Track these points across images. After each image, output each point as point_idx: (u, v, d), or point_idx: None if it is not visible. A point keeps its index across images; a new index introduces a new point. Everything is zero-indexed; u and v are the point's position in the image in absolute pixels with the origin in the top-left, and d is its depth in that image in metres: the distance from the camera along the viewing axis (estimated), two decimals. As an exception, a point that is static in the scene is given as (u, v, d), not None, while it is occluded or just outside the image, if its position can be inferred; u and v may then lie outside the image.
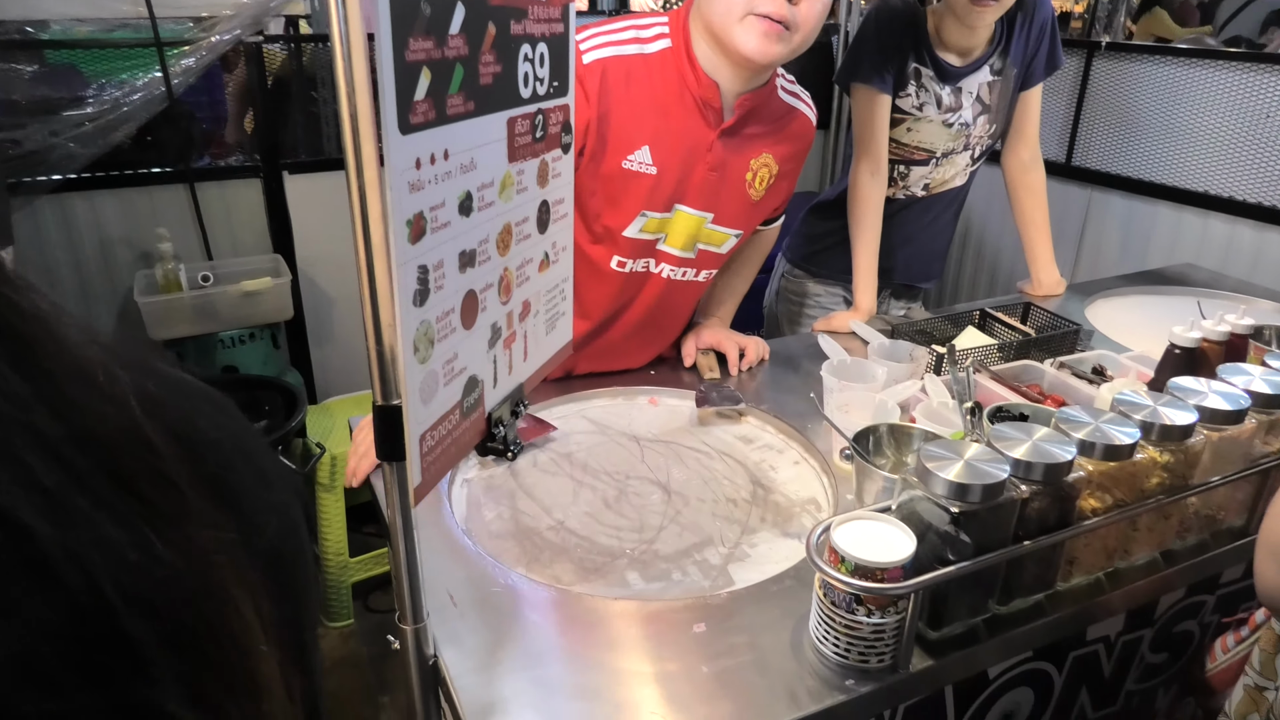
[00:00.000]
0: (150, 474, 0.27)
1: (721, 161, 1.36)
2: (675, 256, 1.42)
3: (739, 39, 1.23)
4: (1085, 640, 1.12)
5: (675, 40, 1.32)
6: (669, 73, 1.31)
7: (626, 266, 1.41)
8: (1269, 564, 0.72)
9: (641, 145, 1.31)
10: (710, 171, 1.36)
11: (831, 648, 0.90)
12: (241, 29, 2.47)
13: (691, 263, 1.44)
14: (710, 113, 1.33)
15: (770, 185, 1.45)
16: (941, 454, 0.90)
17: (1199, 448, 1.02)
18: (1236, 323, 1.27)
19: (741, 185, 1.41)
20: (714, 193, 1.38)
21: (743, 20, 1.22)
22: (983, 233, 3.09)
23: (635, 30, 1.32)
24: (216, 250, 2.61)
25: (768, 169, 1.42)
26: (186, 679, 0.26)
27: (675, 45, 1.32)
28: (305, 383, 2.76)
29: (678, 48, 1.31)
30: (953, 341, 1.54)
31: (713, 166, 1.36)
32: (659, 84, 1.31)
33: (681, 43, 1.31)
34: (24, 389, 0.23)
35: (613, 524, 1.17)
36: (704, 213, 1.39)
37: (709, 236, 1.42)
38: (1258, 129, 2.31)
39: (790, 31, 1.23)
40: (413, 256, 0.58)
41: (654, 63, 1.31)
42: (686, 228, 1.39)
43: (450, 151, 0.61)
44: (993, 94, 1.79)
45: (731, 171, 1.39)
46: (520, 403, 0.78)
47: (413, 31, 0.54)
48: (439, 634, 0.92)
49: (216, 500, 0.32)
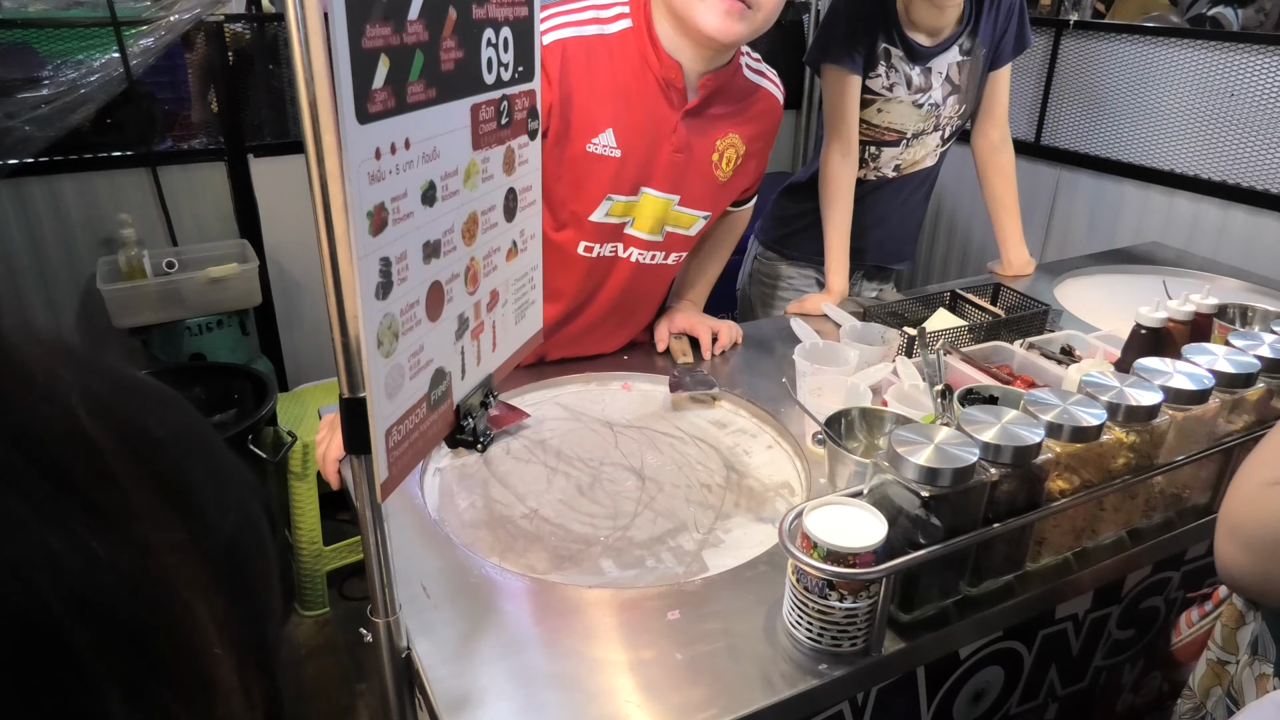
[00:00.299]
0: (91, 473, 0.27)
1: (686, 142, 1.35)
2: (643, 240, 1.41)
3: (701, 18, 1.22)
4: (1054, 619, 1.14)
5: (636, 20, 1.30)
6: (630, 53, 1.30)
7: (594, 251, 1.40)
8: (1227, 543, 0.73)
9: (605, 128, 1.29)
10: (675, 153, 1.35)
11: (805, 632, 0.90)
12: (201, 8, 2.41)
13: (659, 245, 1.44)
14: (674, 93, 1.32)
15: (738, 166, 1.44)
16: (912, 438, 0.90)
17: (1164, 428, 1.03)
18: (1201, 302, 1.29)
19: (708, 166, 1.40)
20: (680, 174, 1.37)
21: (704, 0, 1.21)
22: (954, 212, 3.11)
23: (595, 10, 1.30)
24: (181, 235, 2.56)
25: (734, 149, 1.42)
26: (134, 683, 0.25)
27: (636, 25, 1.30)
28: (275, 369, 2.73)
29: (639, 27, 1.30)
30: (923, 325, 1.55)
31: (678, 148, 1.35)
32: (620, 65, 1.29)
33: (643, 22, 1.30)
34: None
35: (587, 511, 1.17)
36: (670, 195, 1.38)
37: (676, 219, 1.42)
38: (1222, 107, 2.34)
39: (752, 10, 1.22)
40: (374, 249, 0.57)
41: (615, 43, 1.29)
42: (653, 211, 1.38)
43: (411, 140, 0.59)
44: (962, 74, 1.79)
45: (697, 152, 1.38)
46: (490, 393, 0.78)
47: (369, 17, 0.53)
48: (412, 626, 0.92)
49: (165, 499, 0.31)
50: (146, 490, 0.29)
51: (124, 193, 2.47)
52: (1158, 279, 1.96)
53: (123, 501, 0.28)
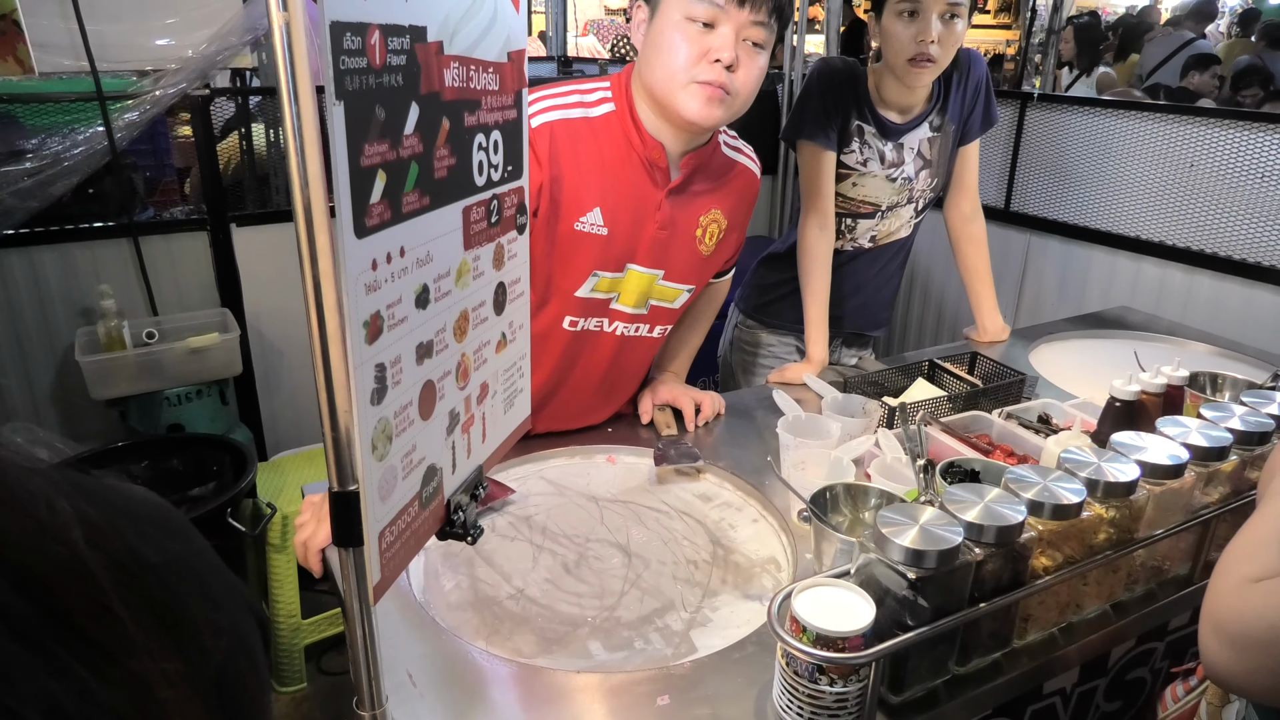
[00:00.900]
0: (92, 608, 0.27)
1: (670, 219, 1.39)
2: (627, 314, 1.43)
3: (682, 105, 1.26)
4: (1042, 694, 1.14)
5: (619, 103, 1.35)
6: (614, 135, 1.34)
7: (578, 325, 1.42)
8: (1212, 640, 0.74)
9: (593, 207, 1.32)
10: (660, 230, 1.38)
11: (796, 716, 0.90)
12: (186, 82, 2.44)
13: (644, 319, 1.46)
14: (657, 172, 1.36)
15: (720, 239, 1.48)
16: (897, 519, 0.91)
17: (1142, 502, 1.05)
18: (1172, 374, 1.32)
19: (691, 242, 1.43)
20: (664, 250, 1.40)
21: (686, 88, 1.26)
22: (928, 278, 3.17)
23: (579, 95, 1.35)
24: (162, 305, 2.55)
25: (717, 224, 1.45)
26: None
27: (619, 108, 1.34)
28: (255, 437, 2.70)
29: (621, 110, 1.34)
30: (904, 397, 1.57)
31: (662, 225, 1.38)
32: (605, 146, 1.33)
33: (625, 105, 1.34)
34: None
35: (573, 590, 1.16)
36: (655, 270, 1.41)
37: (661, 293, 1.44)
38: (1182, 177, 2.42)
39: (731, 96, 1.27)
40: (370, 357, 0.58)
41: (599, 125, 1.33)
42: (638, 286, 1.41)
43: (406, 248, 0.61)
44: (933, 149, 1.85)
45: (681, 229, 1.41)
46: (479, 485, 0.78)
47: (368, 137, 0.55)
48: (398, 716, 0.90)
49: (161, 628, 0.31)
50: (143, 621, 0.29)
51: (105, 263, 2.47)
52: (1129, 343, 2.00)
53: (121, 635, 0.28)
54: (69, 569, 0.27)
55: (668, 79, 1.26)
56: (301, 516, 1.18)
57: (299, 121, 0.59)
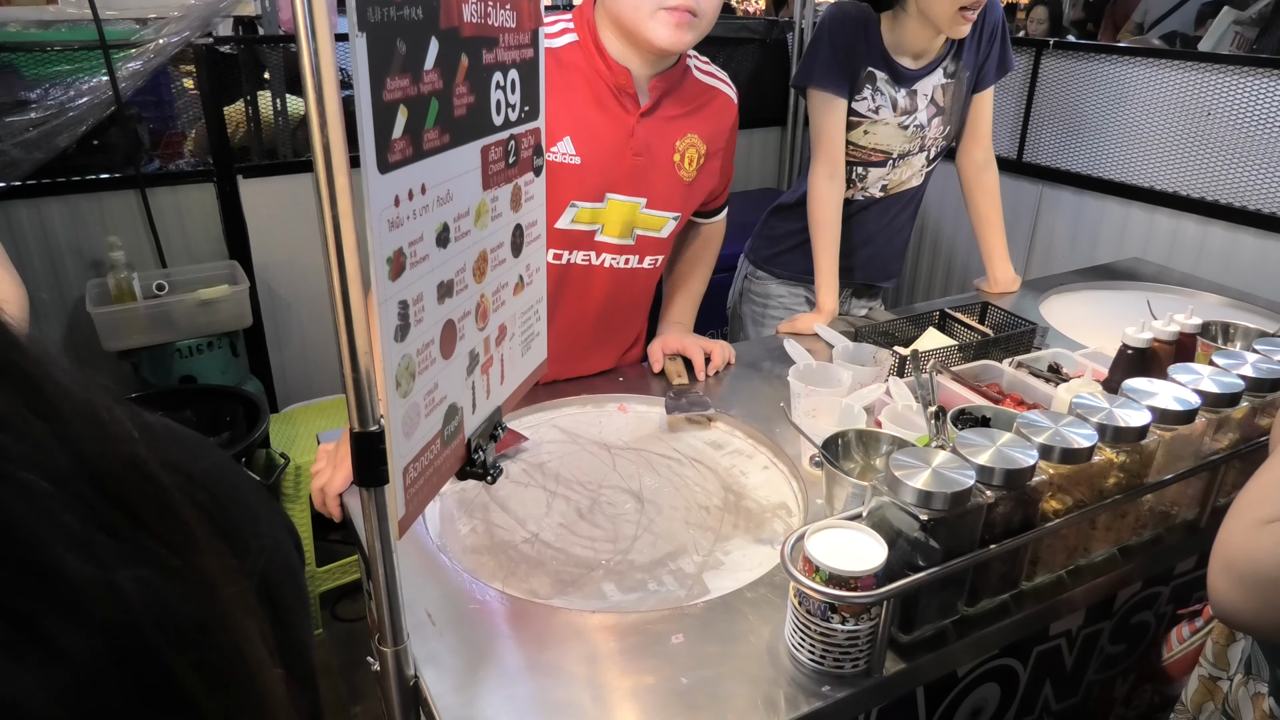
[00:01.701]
0: (157, 507, 0.27)
1: (645, 145, 1.40)
2: (614, 245, 1.45)
3: (652, 33, 1.28)
4: (1048, 636, 1.16)
5: (581, 34, 1.37)
6: (579, 64, 1.36)
7: (563, 258, 1.43)
8: (1221, 579, 0.75)
9: (562, 136, 1.34)
10: (635, 156, 1.40)
11: (808, 654, 0.92)
12: (190, 30, 2.41)
13: (631, 249, 1.47)
14: (626, 99, 1.38)
15: (701, 166, 1.48)
16: (909, 462, 0.92)
17: (1153, 447, 1.06)
18: (1185, 322, 1.32)
19: (670, 167, 1.44)
20: (642, 177, 1.42)
21: (654, 15, 1.27)
22: (938, 229, 3.15)
23: (552, 28, 1.37)
24: (170, 257, 2.55)
25: (695, 149, 1.46)
26: (226, 711, 0.26)
27: (581, 38, 1.36)
28: (265, 390, 2.72)
29: (584, 39, 1.36)
30: (915, 346, 1.57)
31: (637, 151, 1.40)
32: (571, 76, 1.35)
33: (588, 35, 1.36)
34: (41, 429, 0.23)
35: (587, 535, 1.18)
36: (636, 198, 1.43)
37: (645, 221, 1.45)
38: (1199, 126, 2.39)
39: (697, 18, 1.29)
40: (393, 293, 0.58)
41: (563, 56, 1.35)
42: (621, 215, 1.42)
43: (427, 186, 0.61)
44: (946, 96, 1.82)
45: (658, 154, 1.42)
46: (499, 425, 0.79)
47: (389, 71, 0.54)
48: (418, 653, 0.92)
49: (214, 530, 0.32)
50: (201, 523, 0.30)
51: (112, 215, 2.46)
52: (1140, 295, 1.99)
53: (185, 532, 0.28)
54: (134, 468, 0.27)
55: (635, 7, 1.28)
56: (317, 464, 1.19)
57: (316, 58, 0.59)
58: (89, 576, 0.21)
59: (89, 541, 0.22)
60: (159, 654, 0.23)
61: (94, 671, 0.21)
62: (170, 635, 0.24)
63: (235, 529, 0.37)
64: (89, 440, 0.25)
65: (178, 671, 0.24)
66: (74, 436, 0.24)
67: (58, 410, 0.25)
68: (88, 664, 0.20)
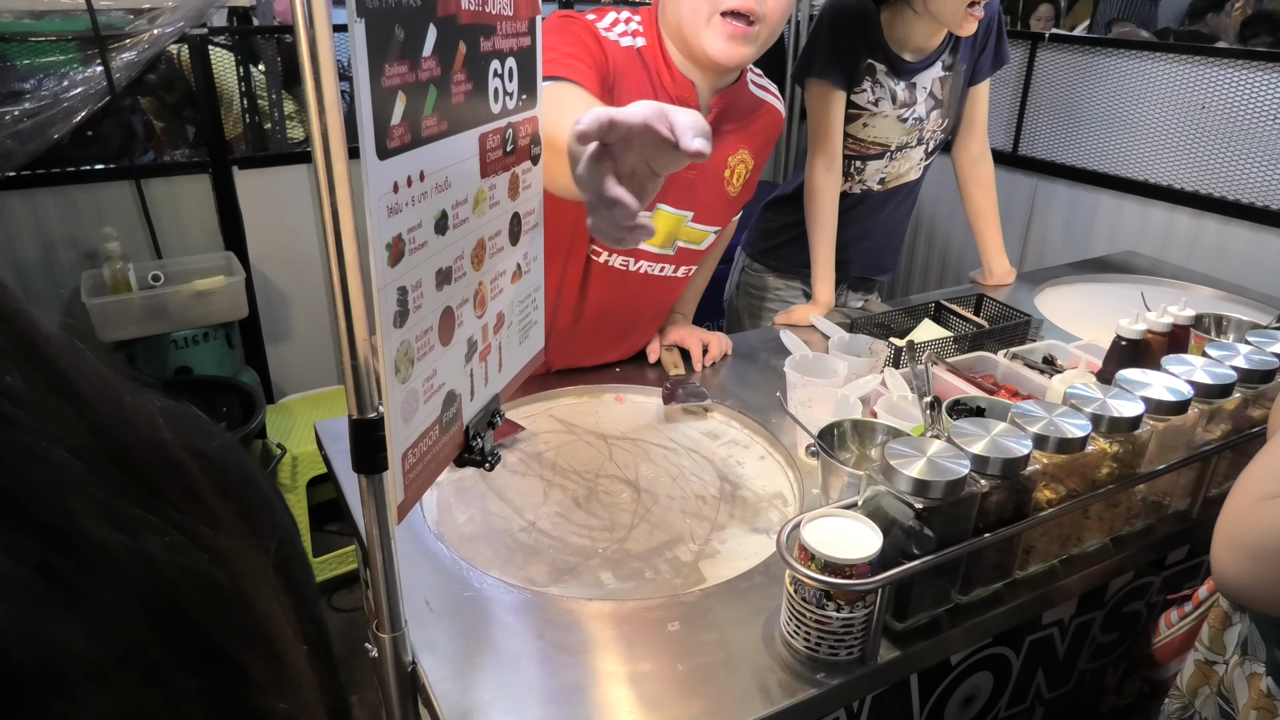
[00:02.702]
0: (179, 488, 0.27)
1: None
2: (654, 254, 1.43)
3: (707, 42, 1.24)
4: (1041, 625, 1.17)
5: (649, 38, 1.32)
6: (648, 70, 1.31)
7: (602, 258, 1.41)
8: (1225, 552, 0.76)
9: None
10: (689, 170, 1.37)
11: (803, 642, 0.92)
12: (184, 21, 2.40)
13: (670, 259, 1.45)
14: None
15: (746, 180, 1.47)
16: (905, 451, 0.93)
17: (1146, 438, 1.07)
18: (1178, 314, 1.32)
19: (720, 182, 1.42)
20: (692, 191, 1.39)
21: (710, 22, 1.23)
22: (933, 222, 3.15)
23: (622, 24, 1.32)
24: (165, 248, 2.55)
25: (744, 165, 1.44)
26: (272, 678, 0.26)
27: (650, 43, 1.32)
28: (261, 381, 2.72)
29: (653, 46, 1.31)
30: (910, 337, 1.58)
31: (692, 165, 1.37)
32: (642, 81, 1.31)
33: (655, 41, 1.31)
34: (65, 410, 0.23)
35: (584, 523, 1.18)
36: (684, 211, 1.40)
37: (688, 234, 1.43)
38: (1194, 119, 2.40)
39: (758, 27, 1.23)
40: (392, 279, 0.58)
41: (636, 59, 1.31)
42: (666, 226, 1.40)
43: (426, 172, 0.61)
44: (945, 89, 1.83)
45: (710, 170, 1.40)
46: (496, 413, 0.79)
47: (388, 57, 0.55)
48: (415, 640, 0.93)
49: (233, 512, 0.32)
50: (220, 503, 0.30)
51: (107, 206, 2.46)
52: (1134, 288, 2.00)
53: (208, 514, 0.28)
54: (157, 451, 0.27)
55: (691, 13, 1.23)
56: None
57: (314, 44, 0.59)
58: (119, 544, 0.22)
59: (117, 514, 0.22)
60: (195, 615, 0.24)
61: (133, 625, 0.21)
62: (204, 599, 0.24)
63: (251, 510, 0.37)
64: (112, 422, 0.25)
65: (216, 633, 0.24)
66: (97, 418, 0.24)
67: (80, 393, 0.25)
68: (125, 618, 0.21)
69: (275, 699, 0.26)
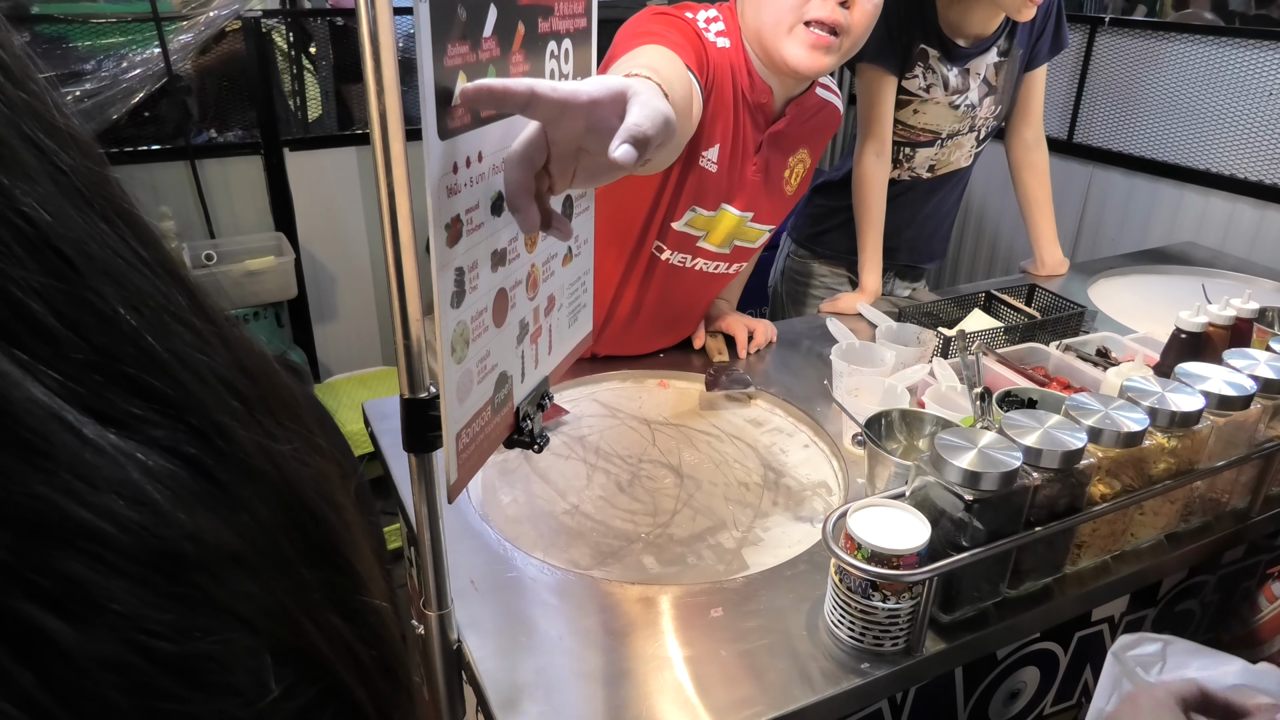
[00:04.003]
0: (288, 409, 0.29)
1: (766, 163, 1.36)
2: (712, 252, 1.42)
3: (788, 52, 1.21)
4: (1090, 621, 1.15)
5: (733, 40, 1.29)
6: (730, 72, 1.29)
7: (664, 254, 1.41)
8: None
9: (715, 143, 1.29)
10: (756, 173, 1.36)
11: (847, 631, 0.92)
12: (239, 3, 2.44)
13: (725, 257, 1.45)
14: (761, 115, 1.33)
15: (803, 177, 1.45)
16: (955, 442, 0.91)
17: (1206, 433, 1.04)
18: (1241, 306, 1.28)
19: (780, 183, 1.41)
20: (757, 193, 1.38)
21: (792, 31, 1.20)
22: (983, 210, 3.09)
23: (713, 24, 1.30)
24: (218, 228, 2.60)
25: (803, 164, 1.43)
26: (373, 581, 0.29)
27: (734, 44, 1.29)
28: (309, 360, 2.77)
29: (736, 47, 1.29)
30: (960, 327, 1.55)
31: (759, 168, 1.35)
32: (726, 83, 1.28)
33: (738, 43, 1.29)
34: (207, 330, 0.25)
35: (626, 508, 1.19)
36: (745, 213, 1.39)
37: (746, 234, 1.42)
38: (1260, 106, 2.32)
39: (841, 38, 1.21)
40: (450, 260, 0.59)
41: (722, 60, 1.28)
42: (727, 226, 1.39)
43: (484, 153, 0.61)
44: (999, 75, 1.79)
45: (773, 171, 1.39)
46: (545, 395, 0.80)
47: (450, 37, 0.55)
48: (461, 619, 0.94)
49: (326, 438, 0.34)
50: (319, 430, 0.32)
51: (163, 185, 2.51)
52: (1193, 280, 1.95)
53: (307, 427, 0.30)
54: (262, 366, 0.29)
55: (775, 21, 1.21)
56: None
57: (374, 25, 0.59)
58: (256, 447, 0.24)
59: (252, 422, 0.24)
60: (316, 516, 0.26)
61: (266, 520, 0.23)
62: (321, 504, 0.27)
63: (335, 441, 0.39)
64: (240, 343, 0.27)
65: (330, 535, 0.27)
66: (229, 338, 0.26)
67: (212, 315, 0.27)
68: (261, 514, 0.23)
69: (376, 598, 0.28)
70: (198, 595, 0.20)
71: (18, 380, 0.18)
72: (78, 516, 0.18)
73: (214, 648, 0.20)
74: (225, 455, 0.23)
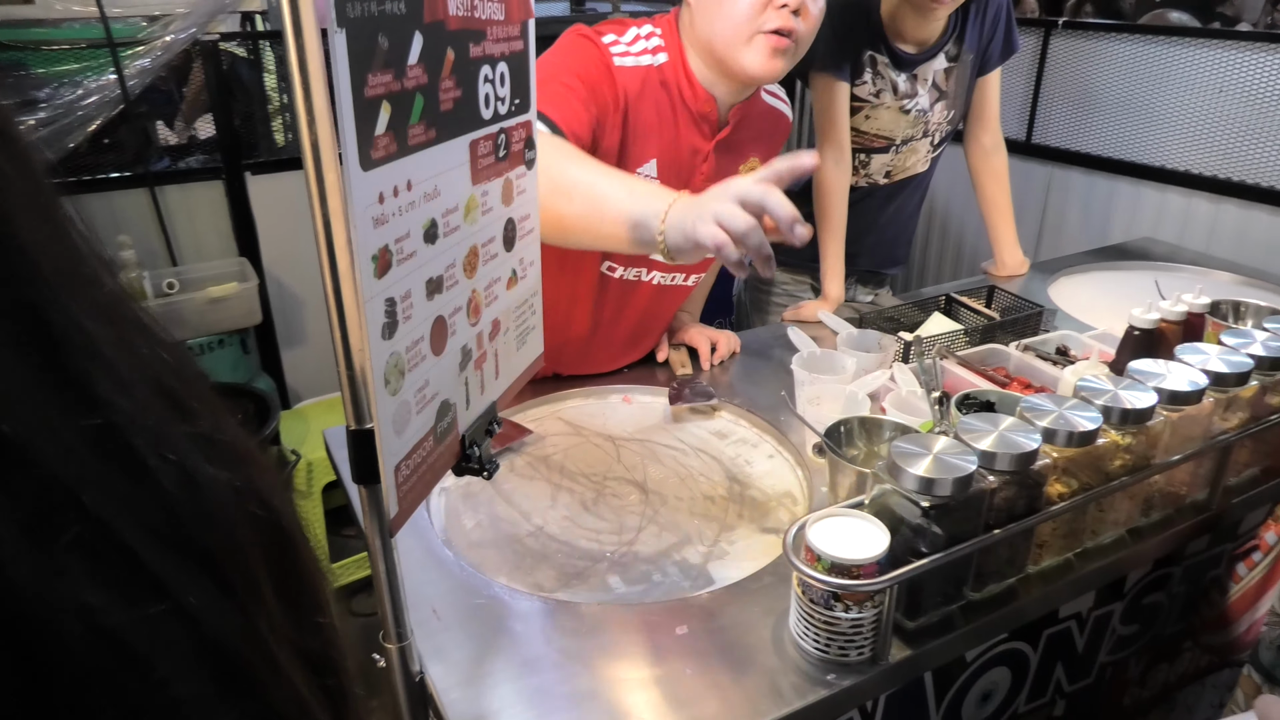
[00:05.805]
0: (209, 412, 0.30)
1: (715, 171, 1.37)
2: (665, 264, 1.42)
3: (746, 60, 1.23)
4: (1058, 618, 1.15)
5: (671, 54, 1.30)
6: (669, 85, 1.30)
7: (616, 272, 1.40)
8: None
9: (650, 158, 1.30)
10: (705, 182, 1.35)
11: (812, 643, 0.92)
12: (196, 26, 2.42)
13: (680, 269, 1.45)
14: (706, 125, 1.33)
15: None
16: (911, 449, 0.92)
17: (1159, 429, 1.05)
18: (1193, 302, 1.30)
19: None
20: None
21: (750, 40, 1.21)
22: (946, 213, 3.12)
23: (642, 40, 1.31)
24: (180, 255, 2.56)
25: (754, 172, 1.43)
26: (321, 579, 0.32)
27: (672, 58, 1.30)
28: (277, 386, 2.73)
29: (674, 60, 1.30)
30: (918, 332, 1.56)
31: (708, 177, 1.36)
32: (661, 96, 1.29)
33: (677, 55, 1.30)
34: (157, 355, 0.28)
35: (592, 527, 1.18)
36: None
37: None
38: (1211, 103, 2.35)
39: (796, 45, 1.23)
40: (379, 291, 0.58)
41: (657, 75, 1.29)
42: None
43: (413, 182, 0.60)
44: (949, 80, 1.80)
45: (723, 179, 1.38)
46: (494, 421, 0.79)
47: (371, 67, 0.54)
48: (424, 649, 0.93)
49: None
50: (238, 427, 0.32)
51: (122, 213, 2.47)
52: (1151, 275, 1.97)
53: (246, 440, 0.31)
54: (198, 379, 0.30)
55: (731, 31, 1.22)
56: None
57: (303, 54, 0.59)
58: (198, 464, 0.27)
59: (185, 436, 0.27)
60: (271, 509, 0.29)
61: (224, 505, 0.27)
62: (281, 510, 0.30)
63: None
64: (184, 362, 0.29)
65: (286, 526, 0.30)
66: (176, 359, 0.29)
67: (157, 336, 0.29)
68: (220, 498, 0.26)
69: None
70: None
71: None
72: None
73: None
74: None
